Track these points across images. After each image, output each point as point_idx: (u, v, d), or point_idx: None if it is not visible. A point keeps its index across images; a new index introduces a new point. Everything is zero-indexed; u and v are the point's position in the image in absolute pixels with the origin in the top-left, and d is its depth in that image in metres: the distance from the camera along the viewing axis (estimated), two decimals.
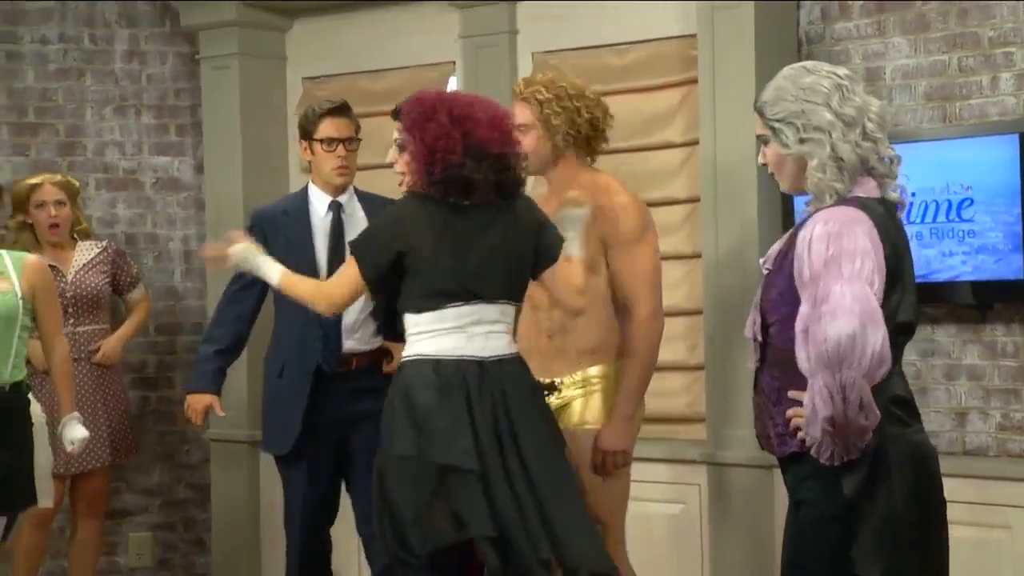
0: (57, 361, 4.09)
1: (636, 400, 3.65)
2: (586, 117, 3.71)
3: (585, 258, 3.57)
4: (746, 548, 4.20)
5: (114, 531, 5.46)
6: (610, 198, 3.70)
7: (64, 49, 5.44)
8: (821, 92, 2.78)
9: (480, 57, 4.82)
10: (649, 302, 3.65)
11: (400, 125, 3.43)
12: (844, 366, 2.59)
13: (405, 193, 3.47)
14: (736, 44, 4.17)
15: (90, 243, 4.97)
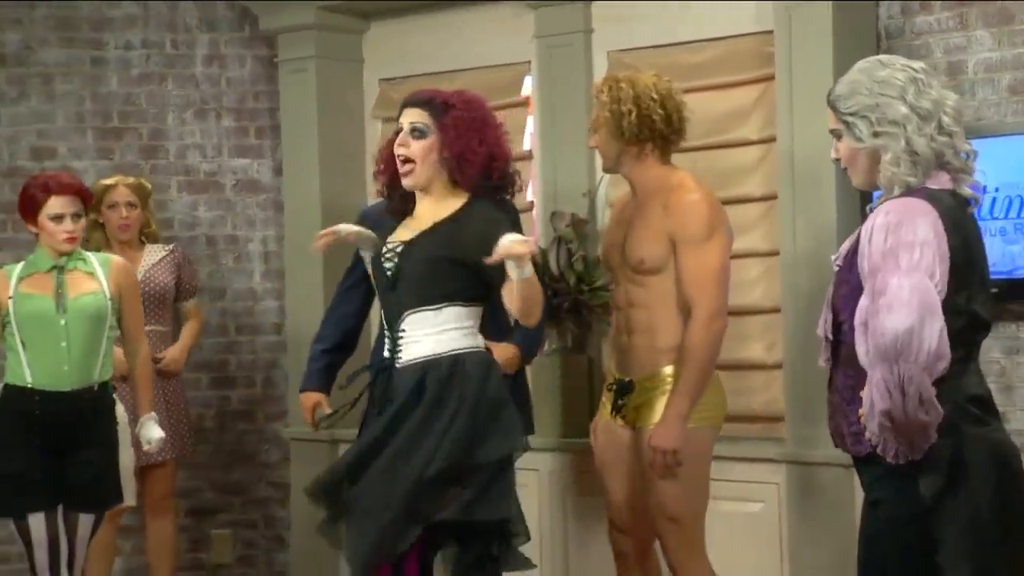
0: (139, 361, 4.17)
1: (690, 400, 3.64)
2: (645, 121, 3.71)
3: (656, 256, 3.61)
4: (826, 547, 4.15)
5: (196, 528, 5.54)
6: (680, 196, 3.71)
7: (147, 54, 5.54)
8: (896, 85, 2.74)
9: (555, 57, 4.82)
10: (708, 303, 3.64)
11: (428, 113, 3.44)
12: (902, 360, 2.56)
13: (480, 200, 3.48)
14: (814, 40, 4.13)
15: (158, 246, 5.05)
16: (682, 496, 3.68)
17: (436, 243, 3.45)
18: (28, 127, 5.44)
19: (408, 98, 3.56)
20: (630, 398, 3.76)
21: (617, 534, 3.90)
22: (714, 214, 3.71)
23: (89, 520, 4.02)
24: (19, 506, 3.94)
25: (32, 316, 3.97)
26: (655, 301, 3.72)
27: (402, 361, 3.48)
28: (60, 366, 3.95)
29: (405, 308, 3.47)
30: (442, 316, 3.45)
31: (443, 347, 3.44)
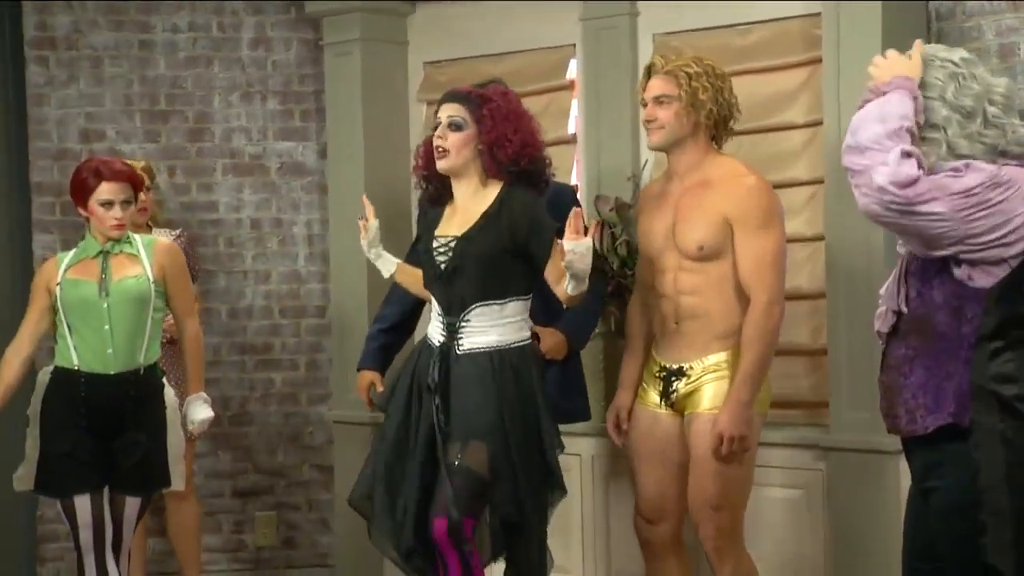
0: (188, 339, 4.19)
1: (752, 386, 3.62)
2: (726, 99, 3.72)
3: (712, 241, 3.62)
4: (869, 535, 4.11)
5: (240, 510, 5.57)
6: (739, 180, 3.69)
7: (194, 37, 5.55)
8: (935, 86, 2.70)
9: (600, 39, 4.79)
10: (768, 289, 3.62)
11: (465, 108, 3.64)
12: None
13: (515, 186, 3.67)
14: (863, 22, 4.07)
15: (164, 231, 5.05)
16: (728, 485, 3.66)
17: (490, 236, 3.64)
18: (77, 110, 5.48)
19: (446, 94, 3.76)
20: (679, 385, 3.74)
21: (645, 524, 3.88)
22: (772, 200, 3.70)
23: (136, 502, 4.04)
24: (66, 486, 3.97)
25: (77, 300, 4.00)
26: (710, 287, 3.70)
27: (464, 348, 3.66)
28: (104, 349, 3.98)
29: (469, 301, 3.67)
30: (508, 309, 3.67)
31: (508, 338, 3.65)
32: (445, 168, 3.70)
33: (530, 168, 3.70)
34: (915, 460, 2.77)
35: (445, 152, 3.68)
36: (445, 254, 3.70)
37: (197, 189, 5.55)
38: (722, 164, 3.76)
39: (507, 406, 3.61)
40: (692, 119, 3.72)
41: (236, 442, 5.55)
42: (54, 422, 4.00)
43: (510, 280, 3.67)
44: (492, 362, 3.63)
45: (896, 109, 2.61)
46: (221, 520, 5.55)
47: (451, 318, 3.70)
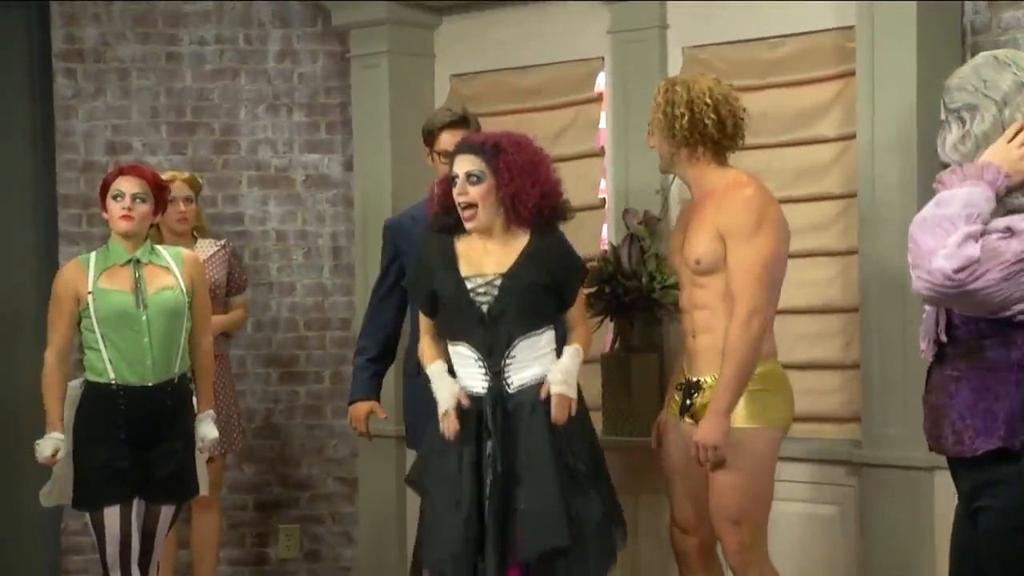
0: (201, 354, 4.17)
1: (730, 397, 3.63)
2: (696, 125, 3.72)
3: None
4: (901, 552, 4.09)
5: (263, 522, 5.56)
6: (734, 191, 3.70)
7: (220, 50, 5.56)
8: (1000, 90, 2.65)
9: (629, 52, 4.78)
10: (749, 300, 3.62)
11: (481, 159, 3.67)
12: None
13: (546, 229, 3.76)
14: (897, 35, 4.06)
15: (209, 241, 5.07)
16: (744, 498, 3.65)
17: (533, 272, 3.71)
18: (104, 122, 5.48)
19: (458, 146, 3.79)
20: (696, 398, 3.74)
21: (679, 533, 3.88)
22: (763, 210, 3.68)
23: (170, 512, 4.05)
24: (100, 498, 3.96)
25: (113, 312, 3.97)
26: (714, 301, 3.72)
27: (514, 386, 3.71)
28: (143, 361, 3.97)
29: (515, 336, 3.70)
30: (544, 338, 3.74)
31: (549, 367, 3.71)
32: (477, 227, 3.72)
33: (552, 216, 3.77)
34: (963, 481, 2.72)
35: (473, 207, 3.69)
36: (487, 294, 3.71)
37: (223, 201, 5.55)
38: (723, 177, 3.77)
39: (562, 439, 3.66)
40: (672, 144, 3.76)
41: (260, 454, 5.53)
42: (91, 437, 3.99)
43: (546, 310, 3.74)
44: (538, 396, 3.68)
45: (975, 199, 2.56)
46: (244, 533, 5.54)
47: (494, 359, 3.70)
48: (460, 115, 4.25)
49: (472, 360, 3.72)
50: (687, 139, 3.72)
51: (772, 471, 3.74)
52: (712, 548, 3.88)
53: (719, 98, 3.74)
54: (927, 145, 4.04)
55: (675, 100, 3.72)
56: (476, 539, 3.62)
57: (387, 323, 4.34)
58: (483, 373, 3.70)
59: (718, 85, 3.79)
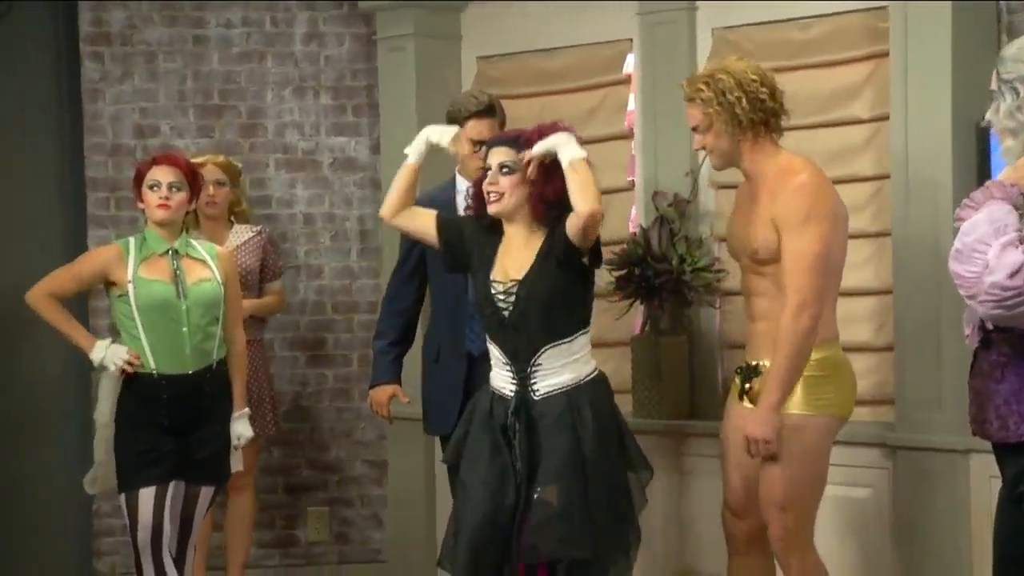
0: (235, 352, 4.19)
1: (780, 390, 3.59)
2: (756, 104, 3.67)
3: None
4: (936, 534, 4.08)
5: (292, 505, 5.58)
6: (788, 178, 3.65)
7: (247, 33, 5.55)
8: None
9: (657, 34, 4.75)
10: (800, 291, 3.58)
11: (515, 151, 3.65)
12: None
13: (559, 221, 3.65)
14: (931, 15, 4.03)
15: (246, 227, 5.07)
16: (793, 485, 3.63)
17: (547, 275, 3.65)
18: (131, 105, 5.49)
19: (493, 140, 3.82)
20: (755, 382, 3.72)
21: (730, 516, 3.86)
22: (817, 198, 3.62)
23: (209, 493, 4.10)
24: (137, 480, 3.99)
25: (154, 301, 4.00)
26: (771, 289, 3.68)
27: (540, 393, 3.67)
28: (182, 350, 4.00)
29: (539, 344, 3.67)
30: (576, 345, 3.69)
31: (581, 373, 3.69)
32: (497, 211, 3.70)
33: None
34: (1007, 466, 2.72)
35: (499, 196, 3.68)
36: (507, 301, 3.69)
37: (250, 184, 5.52)
38: (778, 162, 3.72)
39: (587, 447, 3.63)
40: (736, 134, 3.69)
41: (289, 437, 5.54)
42: (133, 425, 4.02)
43: (574, 315, 3.69)
44: (570, 401, 3.64)
45: (997, 214, 2.55)
46: (274, 515, 5.56)
47: (520, 364, 3.68)
48: (486, 104, 4.21)
49: (501, 362, 3.73)
50: (752, 121, 3.66)
51: (824, 459, 3.70)
52: (763, 533, 3.84)
53: (760, 73, 3.71)
54: (962, 125, 4.03)
55: (725, 88, 3.66)
56: (499, 538, 3.63)
57: (406, 309, 4.34)
58: (511, 377, 3.70)
59: (749, 62, 3.76)
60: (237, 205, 5.10)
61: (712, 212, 4.68)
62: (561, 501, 3.56)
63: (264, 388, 5.04)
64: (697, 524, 4.50)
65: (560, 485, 3.58)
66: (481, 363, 4.07)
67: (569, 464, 3.59)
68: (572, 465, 3.59)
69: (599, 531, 3.60)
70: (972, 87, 4.03)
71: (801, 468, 3.64)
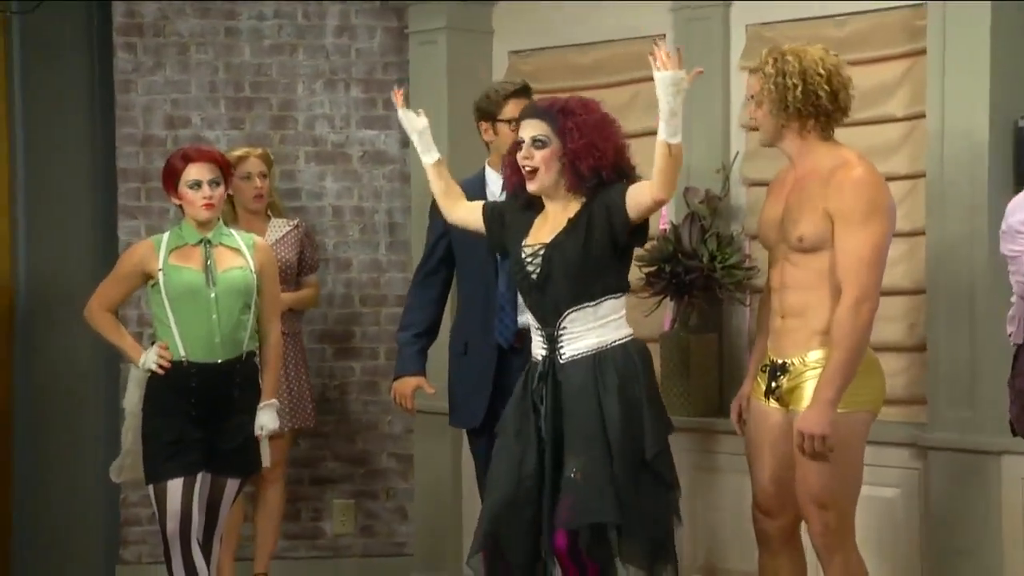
0: (270, 344, 4.20)
1: (838, 385, 3.56)
2: (810, 97, 3.64)
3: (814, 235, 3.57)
4: (967, 535, 4.06)
5: (319, 497, 5.58)
6: (845, 172, 3.61)
7: (279, 25, 5.56)
8: None
9: (692, 30, 4.74)
10: (859, 287, 3.55)
11: (547, 123, 3.66)
12: None
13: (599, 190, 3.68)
14: (970, 12, 4.00)
15: (283, 221, 5.08)
16: (832, 481, 3.61)
17: (576, 239, 3.66)
18: (163, 96, 5.50)
19: (525, 111, 3.79)
20: (783, 380, 3.69)
21: (761, 516, 3.84)
22: (877, 194, 3.60)
23: (235, 485, 4.10)
24: (165, 471, 4.00)
25: (183, 288, 4.01)
26: (810, 281, 3.65)
27: (566, 356, 3.68)
28: (212, 338, 4.01)
29: (563, 307, 3.69)
30: (602, 309, 3.69)
31: (608, 337, 3.67)
32: (536, 189, 3.73)
33: (612, 179, 3.70)
34: None
35: (534, 171, 3.70)
36: (534, 263, 3.72)
37: (280, 177, 5.54)
38: (833, 153, 3.68)
39: (608, 412, 3.62)
40: (783, 116, 3.67)
41: (315, 430, 5.53)
42: (162, 413, 4.04)
43: (600, 280, 3.68)
44: (595, 365, 3.64)
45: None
46: (300, 507, 5.57)
47: (548, 328, 3.71)
48: (523, 84, 4.27)
49: (534, 327, 3.77)
50: (800, 111, 3.64)
51: (861, 455, 3.69)
52: (795, 531, 3.84)
53: (831, 68, 3.67)
54: (999, 123, 4.01)
55: (787, 70, 3.63)
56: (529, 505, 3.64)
57: (433, 299, 4.34)
58: (542, 341, 3.73)
59: (828, 55, 3.71)
60: (271, 197, 5.11)
61: (744, 209, 4.66)
62: (582, 472, 3.56)
63: (304, 380, 5.04)
64: (726, 521, 4.49)
65: (581, 455, 3.58)
66: (510, 356, 4.07)
67: (590, 432, 3.60)
68: (592, 433, 3.59)
69: (624, 498, 3.57)
70: (1010, 85, 4.02)
71: (840, 464, 3.62)
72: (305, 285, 5.10)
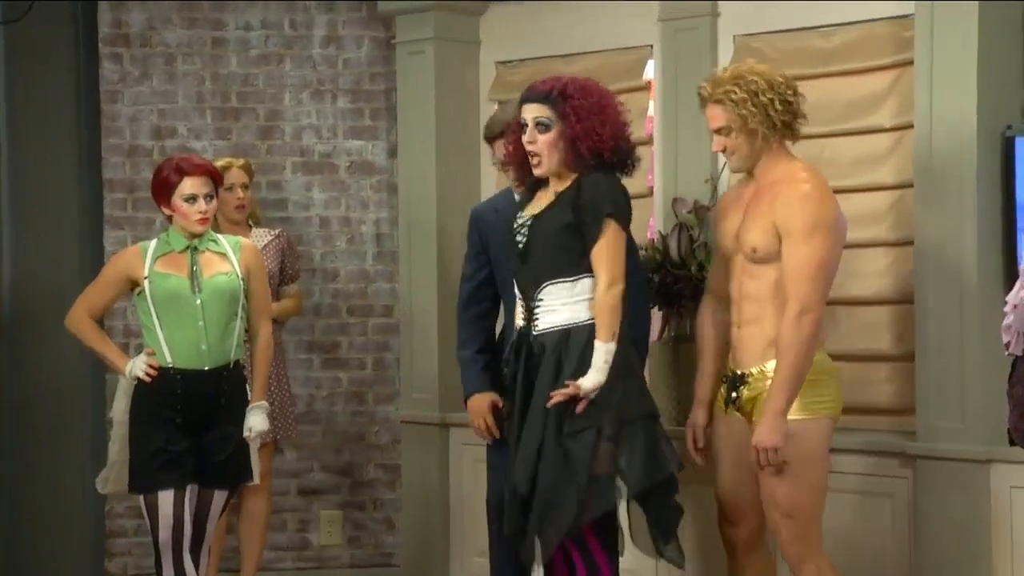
0: (260, 345, 4.18)
1: (786, 396, 3.61)
2: (786, 105, 3.70)
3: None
4: (956, 544, 4.06)
5: (306, 508, 5.57)
6: (793, 186, 3.67)
7: (265, 35, 5.55)
8: None
9: (679, 41, 4.75)
10: (802, 298, 3.60)
11: (548, 107, 3.72)
12: None
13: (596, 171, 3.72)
14: (958, 23, 4.01)
15: (264, 230, 5.08)
16: (795, 491, 3.63)
17: (558, 214, 3.74)
18: (149, 106, 5.48)
19: (526, 94, 3.82)
20: (743, 391, 3.72)
21: (727, 525, 3.86)
22: (822, 209, 3.65)
23: (223, 496, 4.07)
24: (155, 482, 3.98)
25: (168, 295, 4.00)
26: (764, 292, 3.71)
27: (539, 329, 3.75)
28: (198, 345, 3.99)
29: (542, 280, 3.76)
30: (578, 287, 3.73)
31: (580, 316, 3.71)
32: (543, 174, 3.81)
33: (612, 160, 3.76)
34: None
35: (539, 156, 3.77)
36: (523, 234, 3.82)
37: (267, 187, 5.55)
38: (787, 167, 3.74)
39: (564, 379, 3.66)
40: (762, 136, 3.72)
41: (302, 440, 5.53)
42: (148, 422, 4.01)
43: (580, 257, 3.73)
44: (564, 339, 3.69)
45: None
46: (286, 518, 5.55)
47: (528, 301, 3.79)
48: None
49: (517, 298, 3.85)
50: (784, 123, 3.69)
51: (824, 462, 3.72)
52: (761, 539, 3.87)
53: (784, 77, 3.75)
54: (986, 136, 4.03)
55: (758, 89, 3.68)
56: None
57: (484, 312, 4.23)
58: (522, 311, 3.81)
59: (769, 67, 3.79)
60: (252, 208, 5.11)
61: None
62: (528, 438, 3.66)
63: (286, 391, 5.03)
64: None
65: (531, 426, 3.66)
66: None
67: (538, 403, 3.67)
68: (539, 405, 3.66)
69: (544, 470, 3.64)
70: (997, 96, 4.04)
71: (803, 473, 3.65)
72: (286, 295, 5.09)
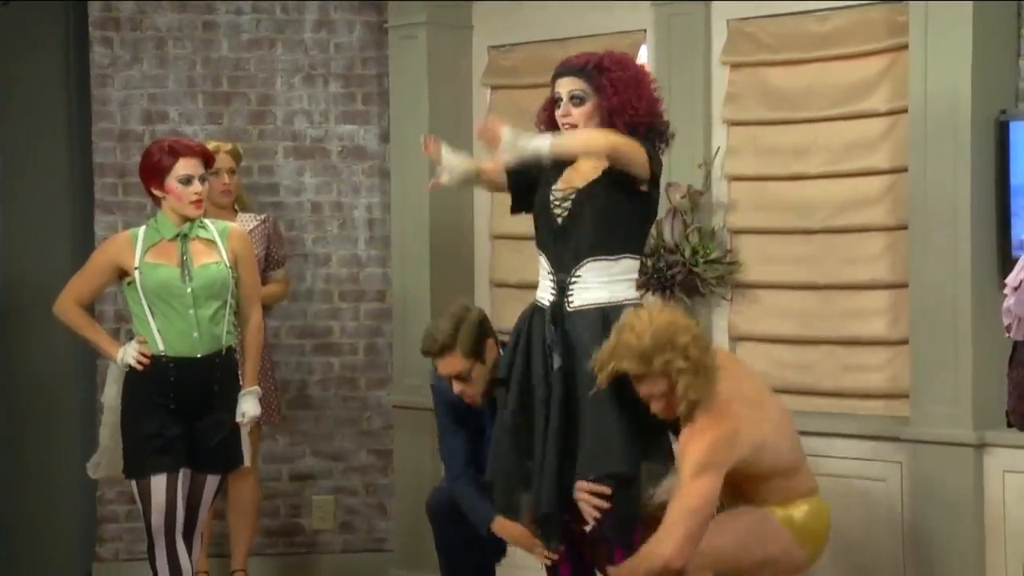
0: (250, 329, 4.18)
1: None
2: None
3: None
4: (949, 528, 4.08)
5: (297, 494, 5.56)
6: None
7: (257, 19, 5.52)
8: None
9: (672, 25, 4.73)
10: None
11: (583, 80, 3.67)
12: None
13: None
14: (952, 8, 4.01)
15: (250, 215, 5.06)
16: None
17: (608, 187, 3.66)
18: (140, 91, 5.45)
19: (561, 68, 3.78)
20: None
21: None
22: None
23: (215, 481, 4.07)
24: (148, 467, 3.97)
25: (158, 285, 3.99)
26: None
27: (574, 305, 3.68)
28: (190, 333, 3.98)
29: (583, 255, 3.69)
30: (619, 266, 3.70)
31: (619, 295, 3.68)
32: None
33: (649, 133, 3.73)
34: None
35: (575, 128, 3.69)
36: (563, 207, 3.71)
37: (258, 172, 5.52)
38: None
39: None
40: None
41: (294, 426, 5.52)
42: (140, 408, 4.00)
43: (625, 236, 3.70)
44: (603, 319, 3.62)
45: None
46: (278, 503, 5.54)
47: (562, 275, 3.70)
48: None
49: (545, 272, 3.75)
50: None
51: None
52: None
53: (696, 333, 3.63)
54: (981, 120, 4.03)
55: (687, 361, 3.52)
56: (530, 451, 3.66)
57: (469, 456, 4.24)
58: (551, 286, 3.72)
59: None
60: (238, 192, 5.09)
61: (725, 204, 4.67)
62: (606, 422, 3.57)
63: (270, 377, 5.02)
64: None
65: (603, 409, 3.57)
66: None
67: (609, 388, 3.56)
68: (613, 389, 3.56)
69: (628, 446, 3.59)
70: (992, 80, 4.04)
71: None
72: (272, 280, 5.08)
